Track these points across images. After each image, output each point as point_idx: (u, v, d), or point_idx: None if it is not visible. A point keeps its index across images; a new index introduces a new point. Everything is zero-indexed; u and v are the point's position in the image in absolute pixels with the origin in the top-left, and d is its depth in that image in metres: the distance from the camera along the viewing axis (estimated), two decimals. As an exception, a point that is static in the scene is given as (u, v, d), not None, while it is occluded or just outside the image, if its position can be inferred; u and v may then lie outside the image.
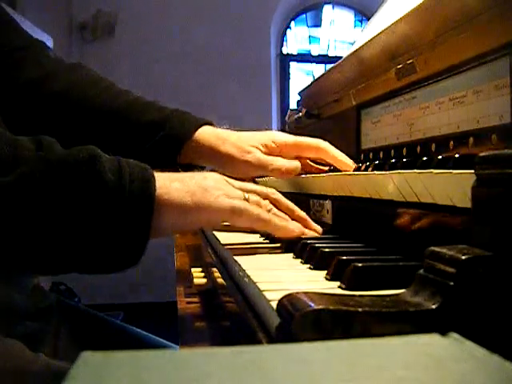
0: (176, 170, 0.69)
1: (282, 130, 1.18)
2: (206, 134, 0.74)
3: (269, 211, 0.57)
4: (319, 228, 0.62)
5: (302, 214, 0.62)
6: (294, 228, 0.57)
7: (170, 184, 0.49)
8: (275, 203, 0.60)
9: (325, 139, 0.76)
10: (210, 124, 0.76)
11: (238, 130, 0.76)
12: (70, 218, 0.44)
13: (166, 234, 0.51)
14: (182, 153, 0.73)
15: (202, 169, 0.77)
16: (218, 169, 0.72)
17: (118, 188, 0.45)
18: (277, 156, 0.73)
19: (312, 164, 0.78)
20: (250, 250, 0.56)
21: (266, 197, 0.59)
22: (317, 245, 0.47)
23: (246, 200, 0.54)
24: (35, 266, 0.47)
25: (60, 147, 0.47)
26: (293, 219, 0.60)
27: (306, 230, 0.60)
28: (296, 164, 0.73)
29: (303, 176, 0.75)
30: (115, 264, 0.47)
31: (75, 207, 0.44)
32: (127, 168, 0.47)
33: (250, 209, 0.53)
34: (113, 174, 0.45)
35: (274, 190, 0.61)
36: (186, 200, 0.49)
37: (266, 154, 0.73)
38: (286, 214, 0.60)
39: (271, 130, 0.82)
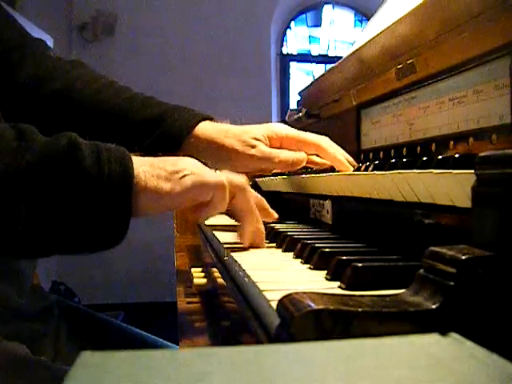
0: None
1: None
2: (206, 128, 0.73)
3: None
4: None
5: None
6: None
7: (146, 168, 0.50)
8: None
9: (325, 139, 0.75)
10: (210, 119, 0.75)
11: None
12: (53, 204, 0.46)
13: (147, 215, 0.52)
14: (181, 149, 0.72)
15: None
16: (219, 163, 0.71)
17: (97, 173, 0.47)
18: (277, 148, 0.72)
19: (314, 159, 0.77)
20: (250, 250, 0.56)
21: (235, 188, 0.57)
22: (317, 245, 0.47)
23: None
24: (20, 250, 0.48)
25: (41, 136, 0.49)
26: None
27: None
28: (302, 156, 0.71)
29: (303, 176, 0.75)
30: (98, 244, 0.49)
31: (58, 194, 0.46)
32: (105, 153, 0.48)
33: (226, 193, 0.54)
34: (92, 160, 0.47)
35: (244, 183, 0.58)
36: (162, 184, 0.50)
37: (268, 146, 0.72)
38: None
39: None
